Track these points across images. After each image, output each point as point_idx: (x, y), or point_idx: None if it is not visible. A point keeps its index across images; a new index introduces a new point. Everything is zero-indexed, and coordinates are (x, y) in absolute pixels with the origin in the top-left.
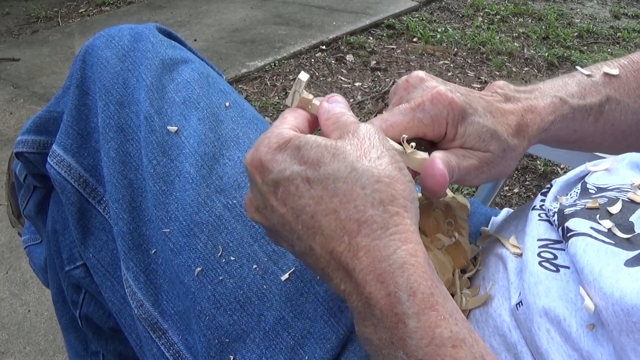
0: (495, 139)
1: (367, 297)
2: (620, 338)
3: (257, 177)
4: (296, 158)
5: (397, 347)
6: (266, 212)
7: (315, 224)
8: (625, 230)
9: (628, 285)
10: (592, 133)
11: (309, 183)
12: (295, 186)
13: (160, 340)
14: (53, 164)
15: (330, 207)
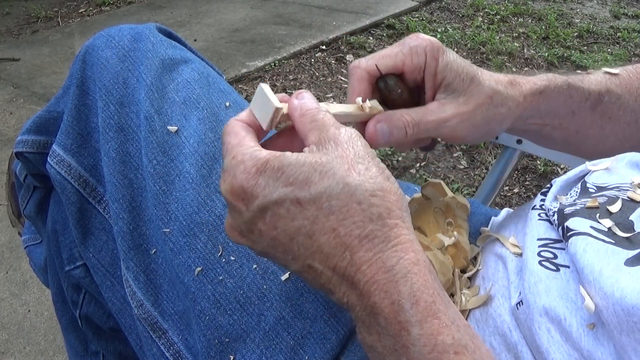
0: (475, 83)
1: (372, 307)
2: (620, 338)
3: (240, 205)
4: (280, 180)
5: (401, 354)
6: (253, 237)
7: (314, 244)
8: (625, 229)
9: (628, 285)
10: (590, 123)
11: (300, 204)
12: (286, 209)
13: (160, 340)
14: (53, 164)
15: (328, 226)
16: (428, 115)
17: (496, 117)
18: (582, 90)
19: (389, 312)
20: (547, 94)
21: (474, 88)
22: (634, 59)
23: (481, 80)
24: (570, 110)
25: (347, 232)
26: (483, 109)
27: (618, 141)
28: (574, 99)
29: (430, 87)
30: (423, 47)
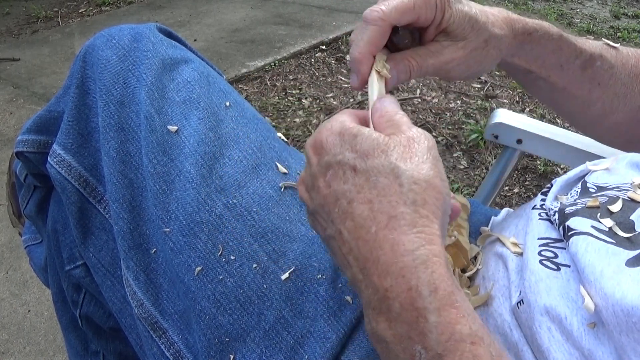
0: (475, 29)
1: (386, 291)
2: (620, 338)
3: (314, 158)
4: (350, 145)
5: (415, 342)
6: (312, 193)
7: (350, 210)
8: (626, 229)
9: (629, 286)
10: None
11: (355, 171)
12: (343, 171)
13: (160, 339)
14: (53, 164)
15: (367, 197)
16: (429, 58)
17: (488, 57)
18: (573, 46)
19: (406, 297)
20: (535, 37)
21: (473, 34)
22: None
23: (480, 24)
24: (558, 63)
25: (379, 207)
26: (478, 52)
27: (604, 110)
28: (564, 51)
29: (432, 32)
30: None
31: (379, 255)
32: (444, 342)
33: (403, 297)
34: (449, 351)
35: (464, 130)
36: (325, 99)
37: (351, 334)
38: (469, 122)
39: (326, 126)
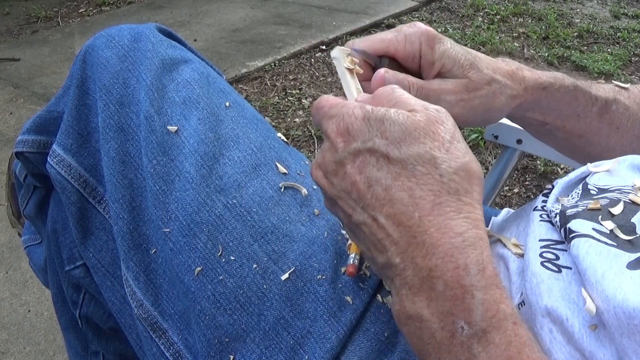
0: (475, 69)
1: (431, 270)
2: (621, 340)
3: (340, 144)
4: (378, 130)
5: (458, 318)
6: (334, 178)
7: (387, 196)
8: (627, 231)
9: (630, 289)
10: (597, 130)
11: (388, 159)
12: (376, 159)
13: (160, 340)
14: (53, 164)
15: (407, 185)
16: (431, 84)
17: (494, 104)
18: (589, 94)
19: (452, 275)
20: (550, 91)
21: (473, 74)
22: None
23: (480, 67)
24: (575, 113)
25: (422, 194)
26: (482, 94)
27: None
28: (580, 101)
29: (427, 74)
30: (417, 36)
31: (424, 238)
32: (489, 319)
33: (449, 275)
34: (494, 328)
35: (464, 130)
36: None
37: (351, 335)
38: None
39: (347, 112)
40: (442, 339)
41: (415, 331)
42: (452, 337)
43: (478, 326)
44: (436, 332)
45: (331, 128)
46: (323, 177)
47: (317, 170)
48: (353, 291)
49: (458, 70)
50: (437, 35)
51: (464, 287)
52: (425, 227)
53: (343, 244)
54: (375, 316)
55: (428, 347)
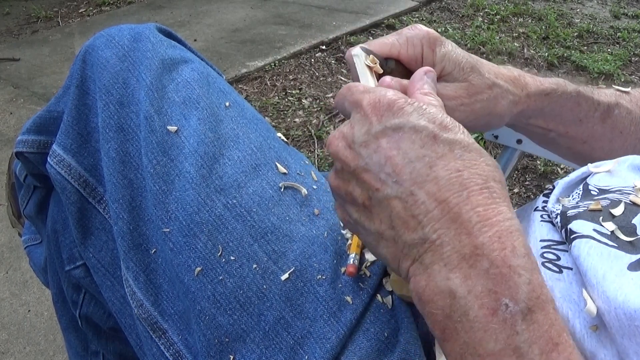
0: (476, 73)
1: (476, 247)
2: (622, 341)
3: (374, 118)
4: (423, 114)
5: (503, 296)
6: (364, 150)
7: (431, 174)
8: (628, 233)
9: (631, 290)
10: (600, 135)
11: (435, 139)
12: (420, 137)
13: (160, 340)
14: (53, 164)
15: (453, 165)
16: None
17: (496, 109)
18: (591, 100)
19: (498, 255)
20: (553, 97)
21: (474, 78)
22: (634, 59)
23: (481, 71)
24: (577, 119)
25: (470, 177)
26: (483, 97)
27: None
28: (582, 107)
29: None
30: (419, 38)
31: (471, 216)
32: (534, 299)
33: (495, 254)
34: (538, 307)
35: None
36: (325, 99)
37: (351, 335)
38: None
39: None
40: (477, 316)
41: (443, 309)
42: (493, 315)
43: (524, 304)
44: (471, 310)
45: (367, 101)
46: (347, 147)
47: (340, 140)
48: (353, 291)
49: (459, 73)
50: (438, 38)
51: (511, 267)
52: (474, 205)
53: (343, 244)
54: (375, 316)
55: (457, 326)
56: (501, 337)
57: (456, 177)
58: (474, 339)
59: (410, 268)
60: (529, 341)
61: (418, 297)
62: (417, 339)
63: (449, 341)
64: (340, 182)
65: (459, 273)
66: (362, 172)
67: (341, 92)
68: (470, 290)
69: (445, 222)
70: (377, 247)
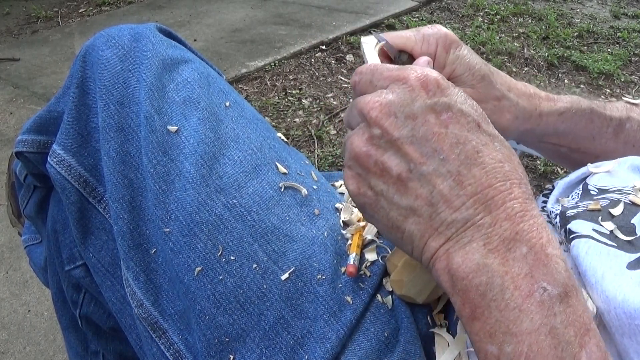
0: (487, 82)
1: (517, 233)
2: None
3: (422, 93)
4: (467, 102)
5: (539, 279)
6: (410, 122)
7: (479, 159)
8: (627, 232)
9: (631, 290)
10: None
11: (479, 127)
12: (467, 122)
13: (160, 339)
14: (53, 164)
15: (495, 155)
16: None
17: (500, 121)
18: (604, 116)
19: (536, 243)
20: (567, 116)
21: (483, 86)
22: (634, 59)
23: (493, 81)
24: (590, 135)
25: (510, 170)
26: (487, 107)
27: None
28: (595, 124)
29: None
30: (436, 37)
31: (513, 205)
32: (570, 285)
33: (534, 242)
34: (573, 293)
35: None
36: (325, 99)
37: (351, 335)
38: None
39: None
40: (513, 296)
41: (478, 286)
42: (529, 296)
43: (562, 288)
44: (507, 290)
45: (414, 75)
46: (389, 115)
47: (384, 107)
48: (353, 291)
49: (468, 78)
50: (455, 41)
51: (549, 255)
52: (516, 196)
53: (343, 244)
54: (375, 316)
55: (491, 304)
56: (537, 318)
57: (500, 167)
58: (508, 318)
59: (443, 246)
60: (565, 322)
61: (451, 274)
62: (417, 339)
63: (479, 319)
64: (374, 149)
65: (497, 254)
66: (406, 143)
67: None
68: (508, 272)
69: (489, 206)
70: (403, 222)
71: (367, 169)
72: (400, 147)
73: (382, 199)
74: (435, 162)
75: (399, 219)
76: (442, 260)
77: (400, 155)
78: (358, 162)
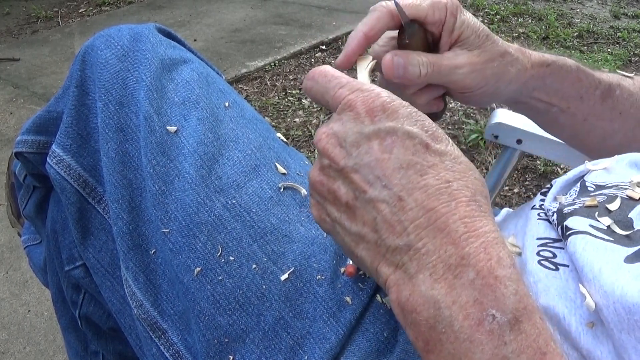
0: (490, 40)
1: (462, 258)
2: (620, 336)
3: (367, 118)
4: (417, 122)
5: (489, 307)
6: (354, 150)
7: (422, 181)
8: (625, 227)
9: (629, 283)
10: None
11: (427, 148)
12: (413, 144)
13: (159, 340)
14: (53, 164)
15: (443, 176)
16: (443, 59)
17: (505, 75)
18: (592, 76)
19: (484, 266)
20: (554, 68)
21: (489, 45)
22: (634, 59)
23: (495, 40)
24: (578, 95)
25: (459, 188)
26: (494, 64)
27: (626, 139)
28: (583, 82)
29: (446, 41)
30: (444, 3)
31: (458, 226)
32: (521, 309)
33: (482, 265)
34: (525, 318)
35: (464, 130)
36: None
37: (350, 335)
38: (468, 122)
39: (381, 91)
40: (462, 327)
41: (427, 319)
42: (479, 326)
43: (511, 315)
44: (455, 321)
45: (361, 100)
46: (337, 145)
47: (330, 137)
48: (352, 291)
49: (475, 40)
50: (460, 6)
51: (497, 278)
52: (461, 216)
53: None
54: (375, 316)
55: (442, 337)
56: (488, 348)
57: (445, 187)
58: (460, 350)
59: (392, 276)
60: (517, 351)
61: (400, 307)
62: None
63: (433, 352)
64: (325, 178)
65: (444, 283)
66: (351, 171)
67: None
68: (455, 301)
69: (431, 230)
70: (355, 248)
71: (324, 197)
72: (347, 176)
73: (337, 225)
74: (378, 188)
75: (351, 244)
76: (393, 292)
77: (348, 184)
78: (315, 190)
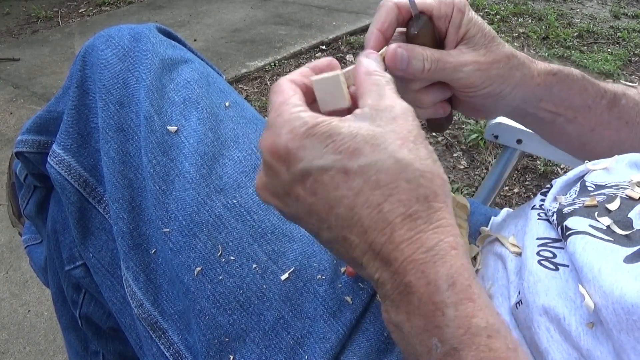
0: (497, 42)
1: (406, 286)
2: (619, 336)
3: (280, 167)
4: (328, 147)
5: (432, 335)
6: (288, 200)
7: (354, 216)
8: (624, 226)
9: (628, 284)
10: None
11: (347, 174)
12: (330, 177)
13: (160, 339)
14: (53, 164)
15: (372, 200)
16: (448, 56)
17: (510, 78)
18: (597, 86)
19: (424, 292)
20: (560, 77)
21: (495, 46)
22: (634, 59)
23: (501, 42)
24: (585, 104)
25: (391, 208)
26: (500, 65)
27: (632, 148)
28: (589, 92)
29: (453, 39)
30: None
31: (396, 255)
32: (460, 336)
33: (422, 291)
34: (465, 345)
35: (464, 130)
36: None
37: (351, 335)
38: (469, 122)
39: (285, 127)
40: (421, 352)
41: (400, 340)
42: (429, 353)
43: (449, 344)
44: (416, 345)
45: (266, 146)
46: (273, 197)
47: (264, 191)
48: (352, 291)
49: (481, 39)
50: (467, 3)
51: (435, 304)
52: (397, 243)
53: None
54: (375, 316)
55: (411, 357)
56: None
57: (377, 214)
58: None
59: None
60: None
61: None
62: None
63: None
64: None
65: (403, 309)
66: (296, 219)
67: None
68: (413, 326)
69: (379, 261)
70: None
71: None
72: (299, 222)
73: None
74: (325, 231)
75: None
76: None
77: (304, 225)
78: None
